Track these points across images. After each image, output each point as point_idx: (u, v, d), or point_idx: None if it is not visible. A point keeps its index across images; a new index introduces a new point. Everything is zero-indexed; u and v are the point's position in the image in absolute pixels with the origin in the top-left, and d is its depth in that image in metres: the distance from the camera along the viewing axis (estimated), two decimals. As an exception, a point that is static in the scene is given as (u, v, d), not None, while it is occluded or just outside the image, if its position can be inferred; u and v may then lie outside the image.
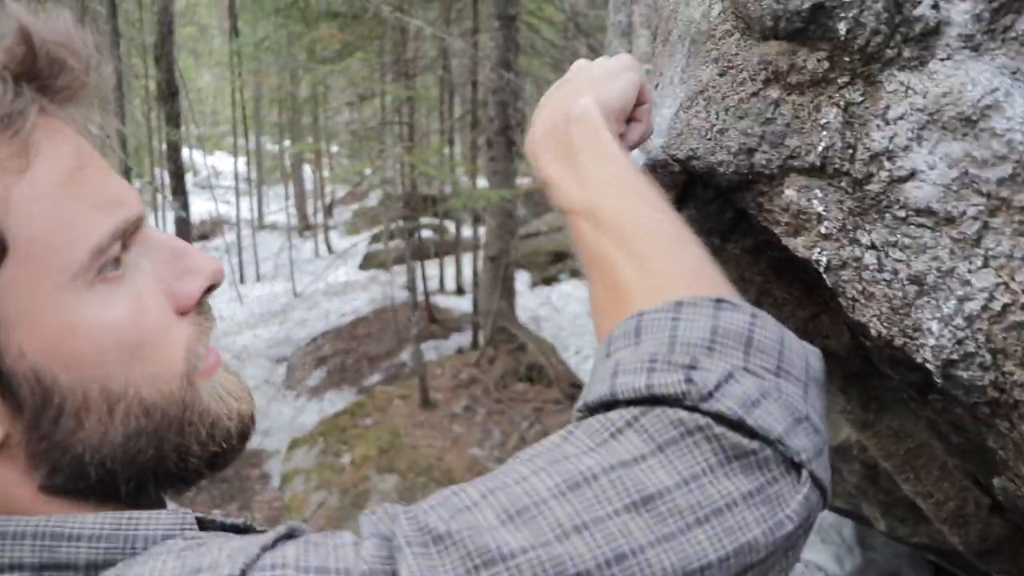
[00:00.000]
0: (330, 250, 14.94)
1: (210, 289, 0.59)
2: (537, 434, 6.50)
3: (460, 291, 11.51)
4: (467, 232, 11.97)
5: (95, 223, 0.53)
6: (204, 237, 14.99)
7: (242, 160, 17.27)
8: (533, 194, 12.89)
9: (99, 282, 0.53)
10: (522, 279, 10.73)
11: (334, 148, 16.50)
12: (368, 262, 13.82)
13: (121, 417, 0.54)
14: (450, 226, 13.22)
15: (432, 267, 11.44)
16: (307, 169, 17.75)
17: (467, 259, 11.49)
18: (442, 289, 11.80)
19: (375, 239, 13.62)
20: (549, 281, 11.37)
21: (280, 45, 8.80)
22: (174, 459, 0.57)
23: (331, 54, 8.36)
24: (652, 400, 0.53)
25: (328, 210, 16.61)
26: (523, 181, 11.03)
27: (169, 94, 7.82)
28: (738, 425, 0.51)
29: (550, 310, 10.13)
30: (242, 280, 13.46)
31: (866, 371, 1.25)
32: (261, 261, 13.92)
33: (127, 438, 0.55)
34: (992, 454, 0.89)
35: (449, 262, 12.15)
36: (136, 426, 0.55)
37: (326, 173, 15.91)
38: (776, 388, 0.53)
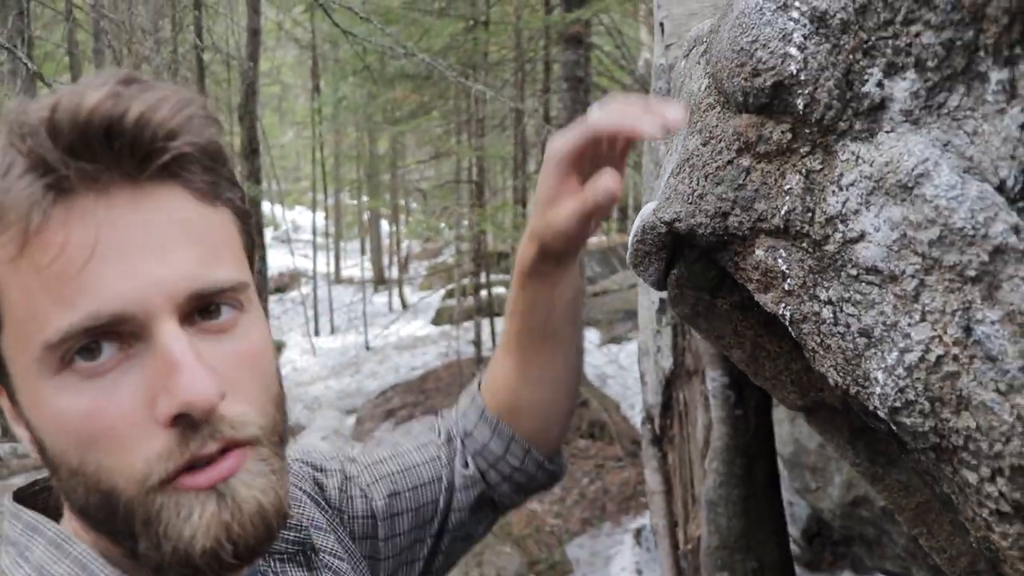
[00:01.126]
0: (404, 304, 15.24)
1: (181, 417, 0.56)
2: (597, 491, 6.50)
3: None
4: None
5: (52, 318, 0.55)
6: (281, 290, 15.45)
7: (321, 215, 17.79)
8: (605, 252, 12.98)
9: (66, 371, 0.56)
10: (591, 337, 10.77)
11: (411, 204, 16.89)
12: (440, 317, 14.03)
13: (90, 489, 0.58)
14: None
15: (500, 323, 11.53)
16: (384, 224, 18.16)
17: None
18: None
19: (448, 295, 13.84)
20: (618, 340, 11.38)
21: (358, 104, 9.15)
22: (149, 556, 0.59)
23: (406, 114, 8.66)
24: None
25: (403, 265, 16.96)
26: (593, 240, 11.12)
27: (251, 151, 8.19)
28: None
29: (616, 368, 10.13)
30: (316, 332, 13.80)
31: (868, 425, 1.31)
32: (336, 313, 14.25)
33: (99, 510, 0.59)
34: (951, 500, 0.94)
35: (518, 318, 12.22)
36: (104, 503, 0.58)
37: (402, 228, 16.28)
38: None
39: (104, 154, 0.56)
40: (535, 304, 0.97)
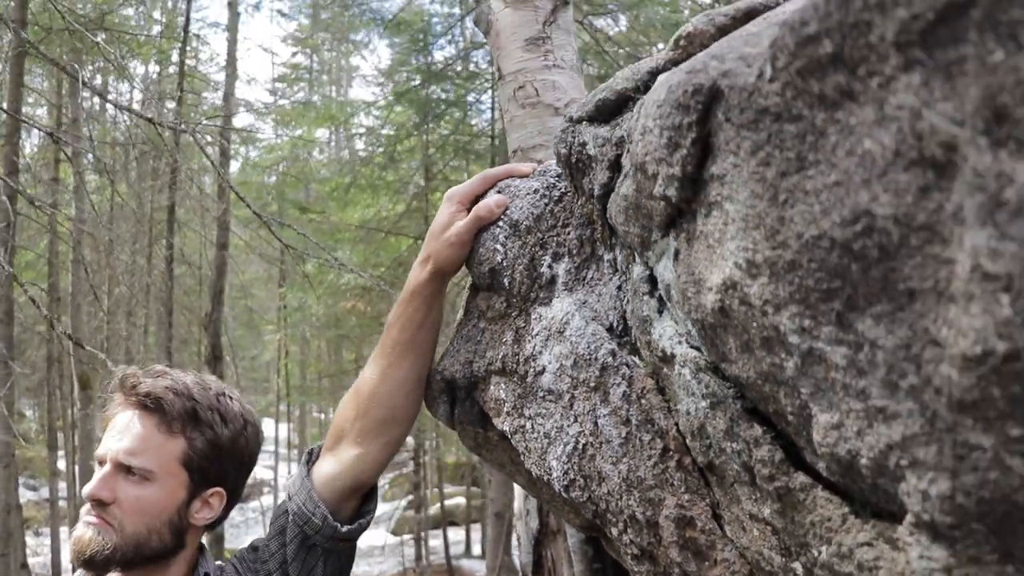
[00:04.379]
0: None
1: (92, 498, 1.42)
2: None
3: (485, 555, 11.59)
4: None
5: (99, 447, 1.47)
6: (243, 499, 15.39)
7: (285, 426, 17.96)
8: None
9: None
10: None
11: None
12: (400, 527, 13.99)
13: None
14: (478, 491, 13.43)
15: (458, 533, 11.58)
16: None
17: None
18: (468, 553, 11.87)
19: (409, 505, 13.86)
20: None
21: (317, 315, 9.69)
22: None
23: (359, 325, 9.18)
24: None
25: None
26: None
27: (214, 357, 8.61)
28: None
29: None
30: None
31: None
32: (295, 524, 14.12)
33: None
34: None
35: (477, 527, 12.27)
36: None
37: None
38: None
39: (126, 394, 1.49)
40: (413, 318, 1.44)
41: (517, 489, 2.77)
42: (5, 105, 6.37)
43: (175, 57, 11.55)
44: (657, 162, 0.89)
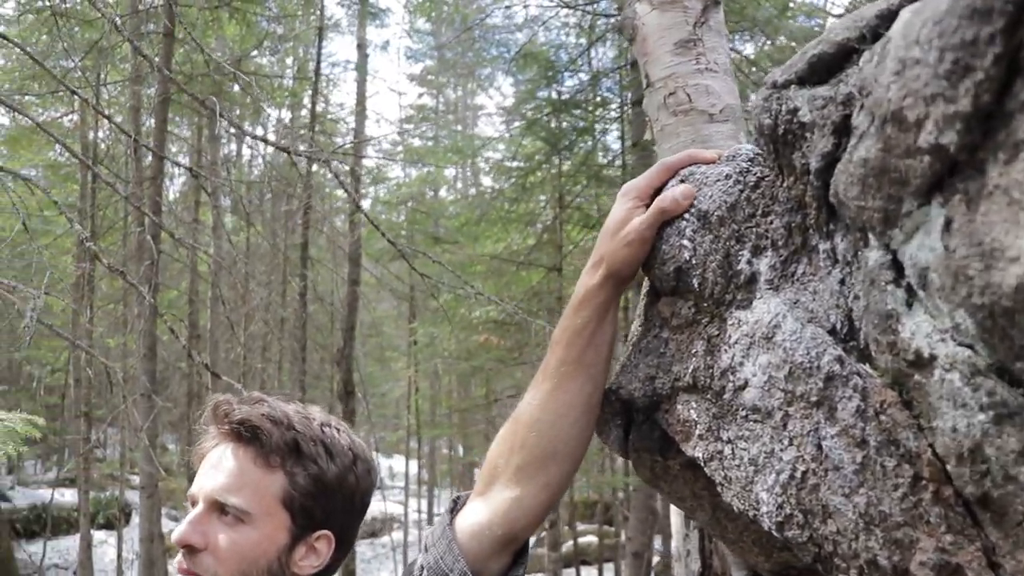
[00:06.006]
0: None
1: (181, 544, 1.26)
2: None
3: (620, 595, 11.23)
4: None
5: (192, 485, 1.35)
6: (373, 534, 15.52)
7: (415, 462, 18.09)
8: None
9: None
10: None
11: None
12: (531, 565, 13.75)
13: None
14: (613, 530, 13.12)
15: (591, 572, 11.27)
16: (477, 473, 18.26)
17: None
18: (602, 593, 11.55)
19: (538, 543, 13.63)
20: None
21: (450, 350, 9.67)
22: None
23: (493, 359, 9.10)
24: None
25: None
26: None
27: (346, 392, 8.68)
28: None
29: None
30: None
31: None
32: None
33: None
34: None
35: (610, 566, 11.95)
36: None
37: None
38: None
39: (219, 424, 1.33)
40: (581, 332, 1.21)
41: (675, 528, 2.55)
42: (151, 147, 6.64)
43: (305, 100, 11.90)
44: (928, 101, 0.69)
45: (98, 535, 14.45)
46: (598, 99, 9.04)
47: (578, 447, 1.24)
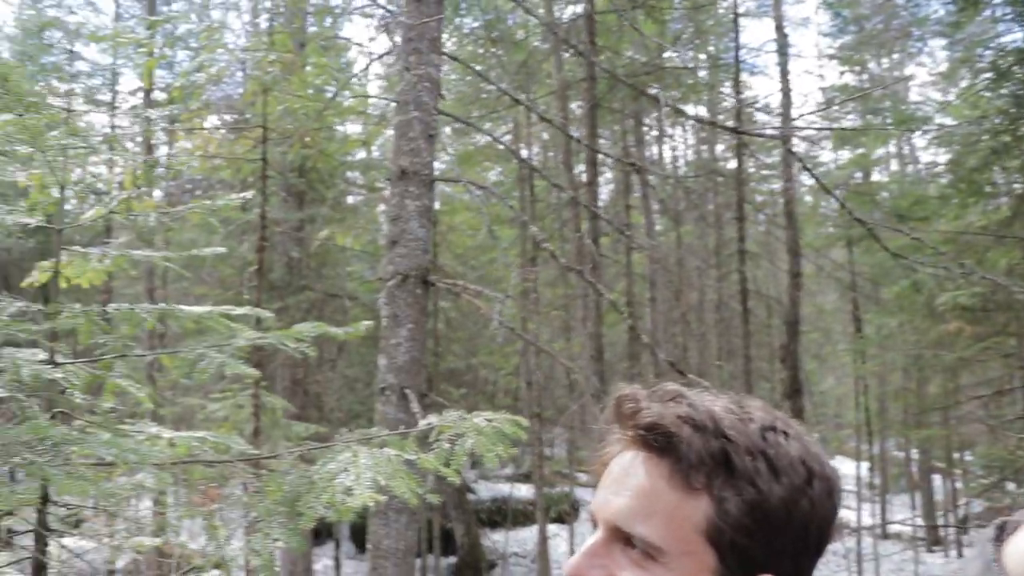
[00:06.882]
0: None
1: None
2: None
3: None
4: None
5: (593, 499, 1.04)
6: (824, 541, 14.73)
7: (865, 464, 16.91)
8: None
9: None
10: None
11: (966, 456, 15.27)
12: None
13: None
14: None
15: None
16: (937, 479, 16.65)
17: None
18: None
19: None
20: None
21: (905, 343, 8.74)
22: None
23: (958, 351, 8.04)
24: None
25: (962, 524, 15.12)
26: None
27: (793, 391, 8.21)
28: None
29: None
30: (863, 590, 12.70)
31: None
32: (884, 574, 13.07)
33: None
34: None
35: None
36: None
37: (958, 485, 14.70)
38: None
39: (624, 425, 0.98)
40: None
41: None
42: (584, 152, 6.78)
43: (724, 90, 11.59)
44: None
45: (551, 528, 15.39)
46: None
47: None
